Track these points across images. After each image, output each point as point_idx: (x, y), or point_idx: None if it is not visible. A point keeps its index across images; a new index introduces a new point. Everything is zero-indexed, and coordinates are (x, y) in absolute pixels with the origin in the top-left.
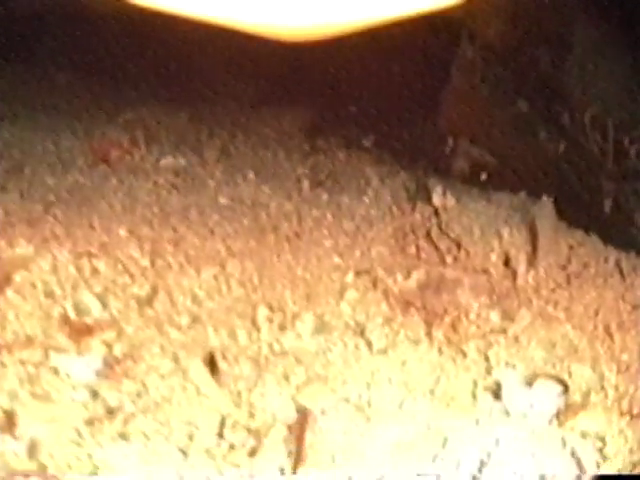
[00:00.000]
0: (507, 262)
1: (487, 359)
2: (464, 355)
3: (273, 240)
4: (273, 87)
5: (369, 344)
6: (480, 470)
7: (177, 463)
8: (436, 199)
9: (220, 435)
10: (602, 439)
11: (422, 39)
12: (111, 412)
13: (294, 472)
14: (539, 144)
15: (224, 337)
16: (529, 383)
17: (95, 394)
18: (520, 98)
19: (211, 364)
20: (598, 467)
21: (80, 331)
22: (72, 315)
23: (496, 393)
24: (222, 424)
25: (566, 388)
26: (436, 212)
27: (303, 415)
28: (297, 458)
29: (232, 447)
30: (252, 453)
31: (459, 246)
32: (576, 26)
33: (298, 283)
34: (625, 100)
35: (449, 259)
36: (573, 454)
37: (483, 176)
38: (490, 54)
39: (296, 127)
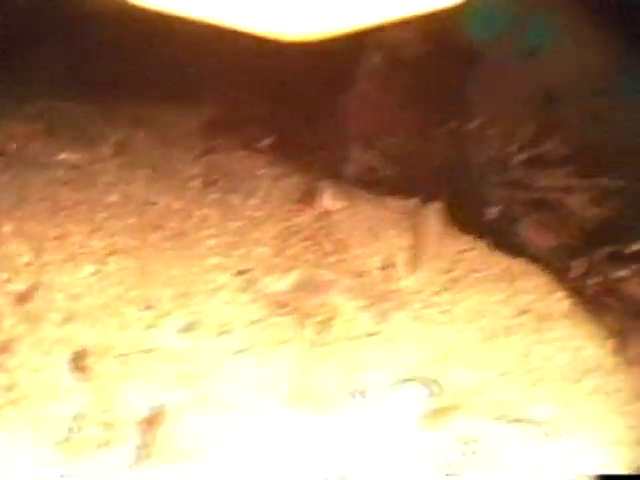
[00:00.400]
0: (388, 265)
1: (357, 360)
2: (334, 356)
3: (157, 238)
4: (177, 84)
5: (235, 344)
6: (344, 470)
7: (40, 455)
8: (325, 201)
9: (77, 429)
10: (475, 442)
11: (328, 43)
12: None
13: (143, 466)
14: (433, 151)
15: (95, 334)
16: (397, 385)
17: None
18: (419, 105)
19: (80, 360)
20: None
21: None
22: None
23: (363, 394)
24: (81, 418)
25: (438, 391)
26: (324, 215)
27: (161, 411)
28: (148, 453)
29: (87, 441)
30: (106, 446)
31: (342, 248)
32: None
33: (174, 282)
34: (523, 112)
35: (330, 260)
36: (442, 457)
37: (376, 180)
38: (395, 62)
39: (195, 125)
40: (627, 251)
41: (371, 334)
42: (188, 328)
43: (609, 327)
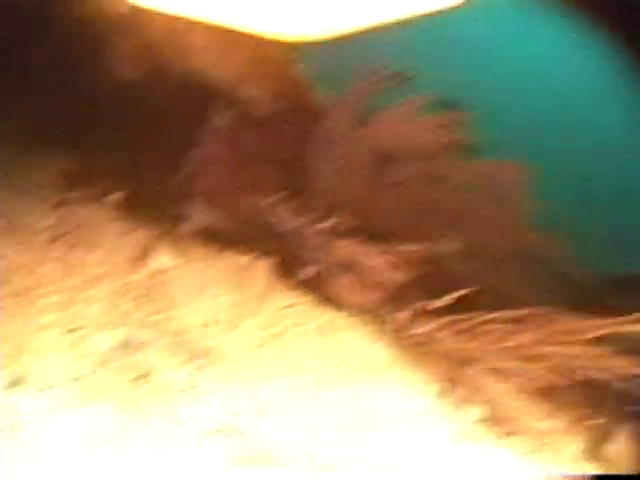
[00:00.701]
0: (211, 323)
1: (173, 413)
2: (152, 410)
3: (2, 294)
4: (33, 134)
5: (57, 399)
6: None
7: None
8: (161, 259)
9: None
10: None
11: (179, 100)
12: None
13: None
14: (265, 211)
15: None
16: (209, 436)
17: None
18: (261, 165)
19: None
20: None
21: None
22: None
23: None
24: None
25: (247, 441)
26: (159, 272)
27: None
28: None
29: None
30: None
31: (170, 306)
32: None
33: (9, 339)
34: (357, 175)
35: (156, 318)
36: None
37: (212, 238)
38: (243, 121)
39: (51, 176)
40: (430, 307)
41: (186, 389)
42: (14, 384)
43: (433, 373)
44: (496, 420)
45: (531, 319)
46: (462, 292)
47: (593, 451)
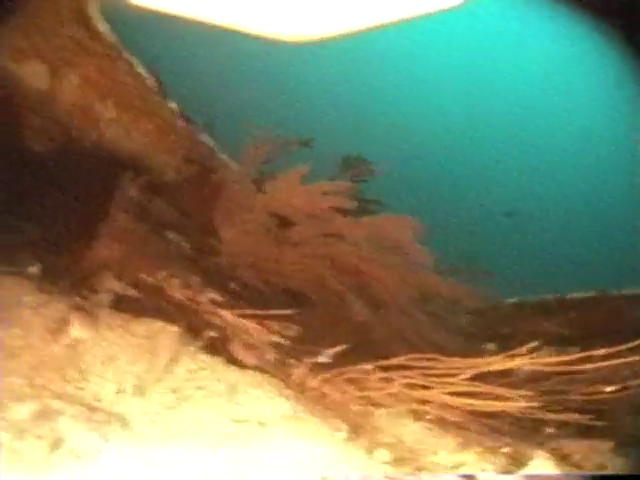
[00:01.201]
0: (120, 390)
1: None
2: (63, 474)
3: None
4: None
5: None
6: None
7: None
8: (75, 331)
9: None
10: None
11: (90, 170)
12: None
13: None
14: (171, 277)
15: None
16: None
17: None
18: (169, 231)
19: None
20: None
21: None
22: None
23: None
24: None
25: None
26: (73, 344)
27: None
28: None
29: None
30: None
31: (82, 377)
32: None
33: None
34: (256, 239)
35: (68, 390)
36: None
37: (123, 308)
38: (152, 190)
39: None
40: (320, 361)
41: (94, 454)
42: None
43: (337, 422)
44: (403, 459)
45: (416, 363)
46: (346, 345)
47: None
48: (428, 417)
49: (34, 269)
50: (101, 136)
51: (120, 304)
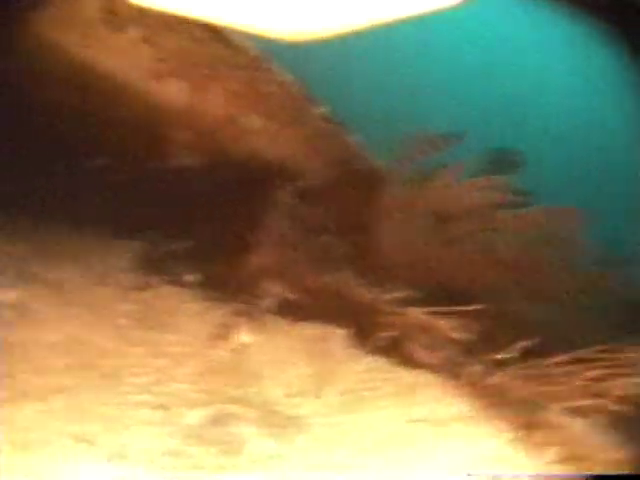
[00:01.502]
0: (294, 393)
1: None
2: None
3: (92, 377)
4: (110, 224)
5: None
6: None
7: None
8: (242, 336)
9: None
10: None
11: (240, 181)
12: None
13: None
14: (338, 282)
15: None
16: None
17: None
18: (326, 235)
19: None
20: None
21: None
22: None
23: None
24: None
25: None
26: (239, 348)
27: None
28: None
29: None
30: None
31: (253, 381)
32: None
33: (104, 418)
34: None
35: (241, 393)
36: None
37: (287, 311)
38: (303, 194)
39: (128, 261)
40: (499, 358)
41: (274, 458)
42: (113, 458)
43: (507, 422)
44: (573, 458)
45: (597, 355)
46: (528, 341)
47: None
48: (603, 412)
49: (191, 277)
50: (248, 146)
51: (284, 309)
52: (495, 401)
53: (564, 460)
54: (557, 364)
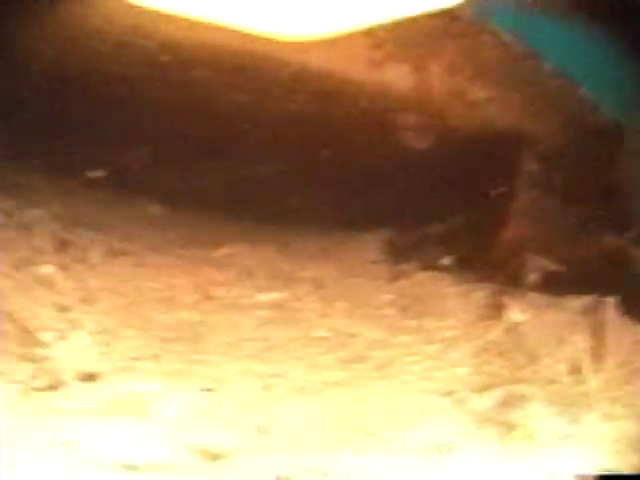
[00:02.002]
0: (575, 370)
1: (558, 462)
2: (534, 460)
3: (365, 369)
4: (350, 208)
5: (451, 459)
6: None
7: None
8: (512, 314)
9: None
10: None
11: (483, 153)
12: None
13: None
14: (603, 247)
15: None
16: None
17: None
18: (579, 203)
19: None
20: None
21: None
22: None
23: None
24: None
25: None
26: (512, 327)
27: None
28: None
29: None
30: None
31: (533, 360)
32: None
33: (388, 409)
34: None
35: (524, 373)
36: None
37: (552, 284)
38: (547, 159)
39: (377, 251)
40: None
41: (565, 437)
42: (392, 451)
43: None
44: None
45: None
46: None
47: None
48: None
49: (447, 260)
50: (479, 118)
51: (549, 282)
52: None
53: None
54: None
